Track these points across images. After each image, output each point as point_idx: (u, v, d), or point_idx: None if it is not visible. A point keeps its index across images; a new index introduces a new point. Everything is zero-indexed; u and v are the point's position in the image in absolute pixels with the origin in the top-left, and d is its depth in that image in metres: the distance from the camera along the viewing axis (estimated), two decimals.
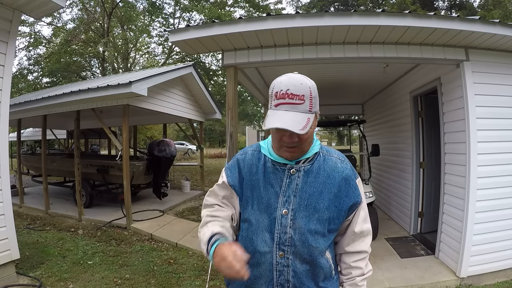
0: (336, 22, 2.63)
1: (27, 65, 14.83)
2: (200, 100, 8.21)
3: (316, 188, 1.04)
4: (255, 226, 1.06)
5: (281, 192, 1.04)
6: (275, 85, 0.97)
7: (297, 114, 0.94)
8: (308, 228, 1.02)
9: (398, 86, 4.93)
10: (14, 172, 9.03)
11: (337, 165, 1.09)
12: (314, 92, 0.97)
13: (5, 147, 3.17)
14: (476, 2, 14.51)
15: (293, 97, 0.93)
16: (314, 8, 16.09)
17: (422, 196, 4.34)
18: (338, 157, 1.12)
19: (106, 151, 14.77)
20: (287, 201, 1.03)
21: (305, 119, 0.93)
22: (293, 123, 0.92)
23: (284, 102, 0.94)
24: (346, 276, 1.13)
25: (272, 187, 1.06)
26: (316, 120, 1.02)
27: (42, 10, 3.12)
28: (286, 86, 0.94)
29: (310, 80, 0.98)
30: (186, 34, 2.89)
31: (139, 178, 6.41)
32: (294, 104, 0.94)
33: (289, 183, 1.04)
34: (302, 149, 1.03)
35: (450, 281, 3.07)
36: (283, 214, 1.03)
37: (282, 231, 1.03)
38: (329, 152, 1.13)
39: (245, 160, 1.14)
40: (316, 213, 1.03)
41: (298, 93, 0.94)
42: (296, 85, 0.94)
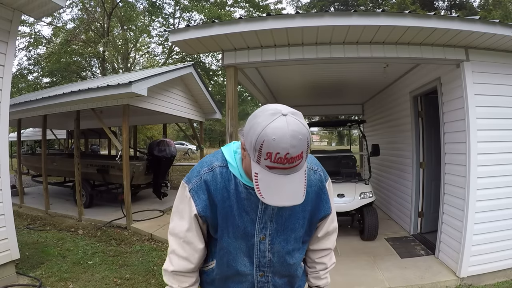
0: (336, 22, 2.63)
1: (27, 65, 14.85)
2: (200, 100, 8.20)
3: (291, 210, 1.00)
4: (234, 254, 1.02)
5: (257, 219, 0.98)
6: (265, 140, 0.73)
7: (297, 176, 0.79)
8: (287, 250, 1.03)
9: (398, 86, 4.93)
10: (14, 172, 9.03)
11: (310, 177, 1.01)
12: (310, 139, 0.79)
13: (5, 147, 3.17)
14: (476, 2, 14.52)
15: (293, 161, 0.75)
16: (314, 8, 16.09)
17: (422, 196, 4.34)
18: (311, 167, 1.03)
19: (106, 151, 14.77)
20: (264, 227, 0.99)
21: (303, 179, 0.81)
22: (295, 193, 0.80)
23: (283, 167, 0.76)
24: (310, 269, 1.19)
25: (248, 215, 0.98)
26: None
27: (42, 10, 3.12)
28: (284, 149, 0.73)
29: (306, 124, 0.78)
30: (186, 34, 2.88)
31: (139, 178, 6.40)
32: (294, 167, 0.77)
33: (264, 208, 0.97)
34: None
35: (450, 281, 3.07)
36: (261, 240, 1.00)
37: (261, 255, 1.02)
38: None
39: (214, 182, 0.97)
40: (293, 233, 1.03)
41: (298, 153, 0.75)
42: (296, 145, 0.74)
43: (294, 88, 5.79)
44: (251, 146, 0.78)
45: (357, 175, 4.80)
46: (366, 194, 4.16)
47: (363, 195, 4.14)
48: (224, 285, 1.09)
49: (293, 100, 7.25)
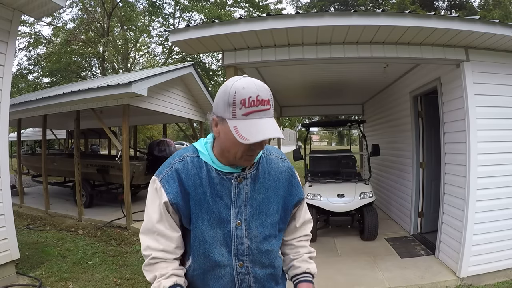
0: (336, 22, 2.63)
1: (27, 65, 14.85)
2: (200, 100, 8.20)
3: (265, 194, 1.03)
4: (210, 243, 0.99)
5: (232, 203, 0.99)
6: (237, 91, 0.86)
7: (271, 119, 0.89)
8: (264, 235, 1.03)
9: (398, 86, 4.93)
10: (14, 172, 9.03)
11: (279, 165, 1.08)
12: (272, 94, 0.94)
13: (5, 147, 3.18)
14: (476, 2, 14.54)
15: (264, 103, 0.88)
16: (314, 8, 16.10)
17: (422, 196, 4.34)
18: (278, 156, 1.10)
19: (106, 151, 14.77)
20: (239, 212, 0.99)
21: (275, 123, 0.90)
22: (276, 129, 0.88)
23: (257, 110, 0.87)
24: (294, 255, 1.16)
25: (222, 199, 0.98)
26: None
27: (42, 10, 3.12)
28: (255, 92, 0.86)
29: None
30: (186, 34, 2.88)
31: (139, 178, 6.40)
32: (266, 110, 0.89)
33: (238, 192, 0.99)
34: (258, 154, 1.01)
35: (450, 281, 3.07)
36: (237, 226, 0.99)
37: (238, 242, 1.00)
38: (269, 151, 1.09)
39: (185, 170, 0.98)
40: (268, 218, 1.03)
41: (267, 98, 0.89)
42: (263, 90, 0.89)
43: (294, 88, 5.79)
44: (224, 105, 0.88)
45: (357, 175, 4.81)
46: (366, 194, 4.16)
47: (363, 195, 4.15)
48: (203, 282, 1.03)
49: (293, 100, 7.25)
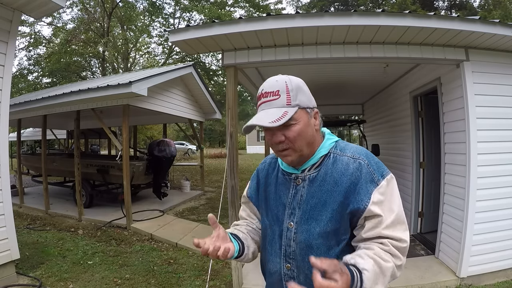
0: (336, 22, 2.63)
1: (27, 65, 14.85)
2: (200, 100, 8.21)
3: (319, 198, 0.94)
4: (270, 236, 1.05)
5: (287, 204, 1.00)
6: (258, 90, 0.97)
7: (273, 109, 0.91)
8: (308, 243, 0.94)
9: (398, 86, 4.93)
10: (14, 172, 9.03)
11: (349, 166, 0.93)
12: (292, 85, 0.93)
13: (5, 147, 3.18)
14: (476, 2, 14.53)
15: (267, 95, 0.92)
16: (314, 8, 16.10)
17: (422, 196, 4.34)
18: (352, 156, 0.96)
19: (106, 151, 14.77)
20: (292, 214, 0.99)
21: (280, 112, 0.89)
22: (263, 118, 0.89)
23: (260, 103, 0.94)
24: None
25: (280, 199, 1.03)
26: (310, 117, 0.95)
27: (42, 10, 3.12)
28: (262, 88, 0.94)
29: (290, 77, 0.95)
30: (186, 34, 2.88)
31: (139, 178, 6.41)
32: (268, 101, 0.92)
33: (294, 194, 1.00)
34: (297, 150, 0.93)
35: (450, 281, 3.07)
36: (289, 227, 0.99)
37: (287, 244, 0.99)
38: (344, 150, 0.98)
39: (264, 170, 1.14)
40: (318, 226, 0.93)
41: (271, 89, 0.92)
42: (271, 83, 0.93)
43: None
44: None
45: None
46: None
47: None
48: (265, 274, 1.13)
49: None
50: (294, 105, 0.91)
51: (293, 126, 0.91)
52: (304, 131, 0.93)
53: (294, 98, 0.92)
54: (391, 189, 0.92)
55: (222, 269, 3.66)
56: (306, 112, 0.94)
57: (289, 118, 0.88)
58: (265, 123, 0.87)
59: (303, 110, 0.94)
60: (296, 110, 0.91)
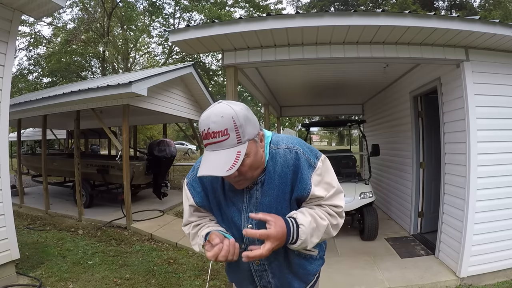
0: (336, 22, 2.63)
1: (27, 65, 14.85)
2: (200, 100, 8.20)
3: (271, 195, 1.00)
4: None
5: (243, 209, 1.02)
6: (200, 123, 0.91)
7: (224, 152, 0.87)
8: None
9: (398, 86, 4.93)
10: (14, 172, 9.02)
11: (287, 157, 1.00)
12: (240, 120, 0.88)
13: (5, 147, 3.17)
14: (476, 2, 14.52)
15: (215, 135, 0.87)
16: (314, 8, 16.10)
17: (422, 196, 4.34)
18: (287, 147, 1.01)
19: (106, 151, 14.76)
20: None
21: (233, 155, 0.86)
22: (218, 165, 0.85)
23: (209, 143, 0.89)
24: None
25: (234, 205, 1.03)
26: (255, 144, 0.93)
27: (42, 10, 3.12)
28: (207, 125, 0.88)
29: (234, 107, 0.90)
30: (186, 34, 2.88)
31: (139, 178, 6.40)
32: (218, 142, 0.87)
33: (249, 198, 1.01)
34: (250, 178, 0.97)
35: (450, 281, 3.07)
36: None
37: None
38: (277, 143, 1.02)
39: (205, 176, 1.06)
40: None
41: (219, 129, 0.86)
42: (216, 121, 0.87)
43: (294, 88, 5.79)
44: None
45: (357, 175, 4.80)
46: (366, 194, 4.16)
47: (363, 195, 4.15)
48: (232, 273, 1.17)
49: (293, 100, 7.25)
50: (245, 141, 0.89)
51: (245, 161, 0.90)
52: (255, 160, 0.94)
53: (243, 134, 0.89)
54: (326, 167, 1.03)
55: (222, 269, 3.66)
56: (254, 141, 0.93)
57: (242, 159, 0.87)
58: (221, 172, 0.84)
59: (252, 141, 0.92)
60: (246, 146, 0.89)
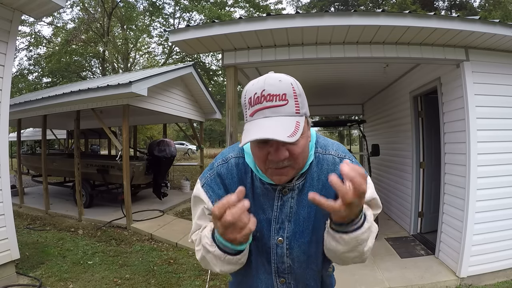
0: (336, 22, 2.63)
1: (27, 65, 14.86)
2: (200, 100, 8.20)
3: (311, 207, 0.85)
4: (254, 253, 0.91)
5: (273, 218, 0.86)
6: (247, 90, 0.76)
7: (282, 118, 0.72)
8: (308, 254, 0.88)
9: (398, 86, 4.93)
10: (14, 172, 9.03)
11: (335, 166, 0.87)
12: (299, 89, 0.76)
13: (5, 147, 3.17)
14: (476, 2, 14.53)
15: (271, 98, 0.73)
16: (314, 8, 16.10)
17: (422, 196, 4.34)
18: (336, 154, 0.89)
19: (106, 151, 14.77)
20: (280, 228, 0.86)
21: (293, 123, 0.72)
22: (277, 129, 0.70)
23: (262, 108, 0.73)
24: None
25: (264, 213, 0.87)
26: (308, 127, 0.81)
27: (42, 10, 3.12)
28: (261, 87, 0.73)
29: (290, 77, 0.78)
30: (186, 34, 2.89)
31: (139, 178, 6.40)
32: (274, 107, 0.73)
33: (281, 206, 0.86)
34: (296, 168, 0.80)
35: (450, 281, 3.07)
36: (278, 243, 0.87)
37: (279, 261, 0.89)
38: (326, 148, 0.90)
39: (230, 174, 0.89)
40: (314, 235, 0.87)
41: (277, 92, 0.73)
42: (274, 84, 0.74)
43: None
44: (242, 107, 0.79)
45: None
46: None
47: None
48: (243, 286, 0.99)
49: None
50: (302, 114, 0.76)
51: (299, 141, 0.75)
52: (306, 145, 0.80)
53: (302, 105, 0.76)
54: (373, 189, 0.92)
55: None
56: (307, 122, 0.80)
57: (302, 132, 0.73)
58: (282, 136, 0.68)
59: (306, 120, 0.78)
60: (304, 120, 0.77)
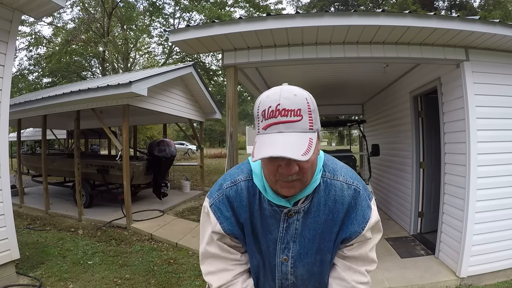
0: (336, 22, 2.63)
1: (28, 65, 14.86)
2: (200, 100, 8.21)
3: (316, 230, 0.88)
4: (262, 272, 0.97)
5: (279, 238, 0.90)
6: (261, 101, 0.76)
7: (295, 134, 0.72)
8: (311, 273, 0.93)
9: (398, 86, 4.93)
10: (14, 172, 9.02)
11: (343, 193, 0.87)
12: (313, 105, 0.75)
13: (5, 147, 3.17)
14: (476, 2, 14.52)
15: (286, 113, 0.71)
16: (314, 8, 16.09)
17: (422, 196, 4.34)
18: (345, 181, 0.88)
19: (106, 151, 14.76)
20: (286, 248, 0.90)
21: (306, 141, 0.71)
22: (292, 147, 0.69)
23: (276, 122, 0.72)
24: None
25: (271, 234, 0.90)
26: (319, 142, 0.79)
27: (42, 10, 3.12)
28: (276, 100, 0.72)
29: (305, 91, 0.77)
30: (186, 34, 2.89)
31: (139, 178, 6.40)
32: (289, 122, 0.72)
33: (286, 227, 0.88)
34: (304, 182, 0.80)
35: (450, 281, 3.07)
36: (283, 262, 0.92)
37: (283, 277, 0.94)
38: (335, 173, 0.89)
39: (239, 198, 0.90)
40: (319, 255, 0.91)
41: (292, 107, 0.72)
42: (289, 98, 0.72)
43: None
44: (255, 118, 0.78)
45: None
46: None
47: None
48: None
49: None
50: (315, 130, 0.75)
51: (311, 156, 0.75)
52: (315, 159, 0.80)
53: (316, 121, 0.75)
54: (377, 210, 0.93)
55: None
56: (318, 137, 0.78)
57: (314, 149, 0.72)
58: (295, 155, 0.68)
59: (318, 135, 0.77)
60: (317, 137, 0.75)
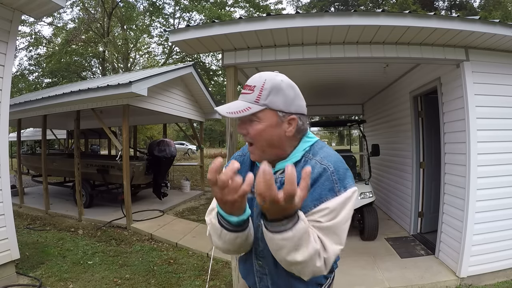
0: (336, 22, 2.63)
1: (28, 65, 14.86)
2: (200, 100, 8.21)
3: None
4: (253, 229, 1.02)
5: (256, 204, 0.97)
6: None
7: (240, 102, 0.92)
8: None
9: (398, 86, 4.93)
10: (14, 172, 9.02)
11: (314, 170, 0.91)
12: (269, 84, 0.91)
13: (5, 147, 3.18)
14: (476, 2, 14.52)
15: (246, 87, 0.94)
16: (314, 8, 16.09)
17: (422, 196, 4.34)
18: (320, 160, 0.93)
19: (106, 151, 14.77)
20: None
21: (243, 106, 0.90)
22: (229, 108, 0.91)
23: (241, 93, 0.96)
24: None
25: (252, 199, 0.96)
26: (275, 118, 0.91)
27: (42, 10, 3.12)
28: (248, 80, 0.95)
29: (278, 76, 0.93)
30: (186, 34, 2.89)
31: (139, 178, 6.40)
32: (244, 94, 0.94)
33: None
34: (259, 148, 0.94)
35: (450, 281, 3.07)
36: (257, 227, 0.97)
37: (256, 243, 0.99)
38: (315, 155, 0.96)
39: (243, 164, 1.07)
40: None
41: (251, 83, 0.93)
42: (254, 77, 0.94)
43: None
44: None
45: (357, 175, 4.80)
46: (366, 194, 4.16)
47: (363, 195, 4.15)
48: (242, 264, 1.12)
49: None
50: (262, 104, 0.91)
51: (256, 124, 0.92)
52: (267, 132, 0.92)
53: (265, 97, 0.91)
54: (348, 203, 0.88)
55: (222, 269, 3.66)
56: (276, 115, 0.92)
57: (248, 114, 0.89)
58: (223, 111, 0.90)
59: (272, 112, 0.91)
60: (261, 109, 0.91)
